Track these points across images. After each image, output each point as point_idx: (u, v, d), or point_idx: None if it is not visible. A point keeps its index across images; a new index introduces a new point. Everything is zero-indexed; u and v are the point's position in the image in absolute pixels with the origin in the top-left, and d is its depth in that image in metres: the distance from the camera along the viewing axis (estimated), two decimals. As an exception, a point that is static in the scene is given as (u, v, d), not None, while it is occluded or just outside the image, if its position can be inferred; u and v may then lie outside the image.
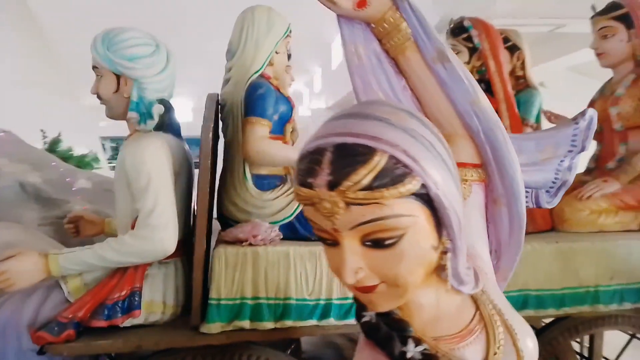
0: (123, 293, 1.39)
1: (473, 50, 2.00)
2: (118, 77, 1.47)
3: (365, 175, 0.57)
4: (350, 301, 1.45)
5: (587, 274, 1.59)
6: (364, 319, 0.74)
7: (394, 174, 0.58)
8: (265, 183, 1.66)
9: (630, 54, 1.92)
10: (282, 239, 1.51)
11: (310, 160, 0.61)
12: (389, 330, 0.71)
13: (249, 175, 1.63)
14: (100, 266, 1.37)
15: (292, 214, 1.59)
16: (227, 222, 1.64)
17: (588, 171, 2.10)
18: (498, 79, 1.97)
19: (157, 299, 1.44)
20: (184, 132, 1.66)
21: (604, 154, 2.05)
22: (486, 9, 4.45)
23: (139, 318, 1.40)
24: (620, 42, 1.92)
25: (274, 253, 1.42)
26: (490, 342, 0.71)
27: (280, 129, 1.71)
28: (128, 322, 1.39)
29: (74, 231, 1.85)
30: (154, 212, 1.35)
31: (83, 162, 4.50)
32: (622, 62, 1.95)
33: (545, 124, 2.18)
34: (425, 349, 0.68)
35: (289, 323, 1.40)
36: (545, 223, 1.85)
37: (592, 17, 2.01)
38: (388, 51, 0.84)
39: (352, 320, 1.45)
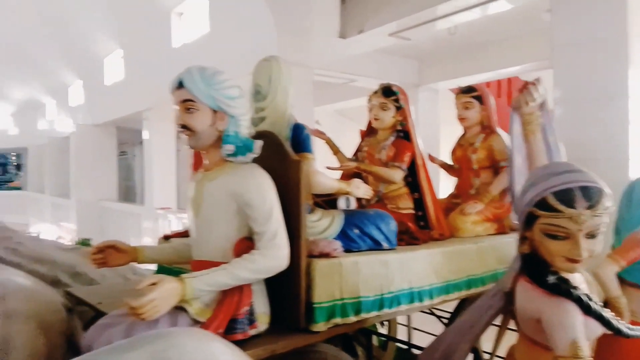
0: (247, 308, 1.55)
1: (398, 108, 2.75)
2: (214, 112, 1.62)
3: (604, 202, 1.20)
4: (392, 295, 1.94)
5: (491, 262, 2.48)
6: (550, 282, 1.33)
7: (608, 200, 1.23)
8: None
9: (479, 120, 3.01)
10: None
11: (568, 194, 1.21)
12: (567, 286, 1.32)
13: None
14: (231, 285, 1.51)
15: (334, 232, 1.98)
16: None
17: (454, 196, 3.10)
18: (413, 130, 2.77)
19: (264, 310, 1.64)
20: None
21: (463, 185, 3.07)
22: (304, 59, 5.25)
23: (258, 328, 1.58)
24: (475, 113, 2.98)
25: (349, 262, 1.81)
26: None
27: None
28: (254, 332, 1.56)
29: (103, 262, 1.74)
30: (278, 233, 1.58)
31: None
32: (474, 125, 3.02)
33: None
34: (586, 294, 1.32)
35: (364, 316, 1.81)
36: (449, 231, 2.71)
37: (457, 94, 3.04)
38: (525, 131, 1.48)
39: (389, 310, 1.95)
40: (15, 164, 20.36)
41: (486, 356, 2.71)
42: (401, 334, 3.27)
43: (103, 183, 11.76)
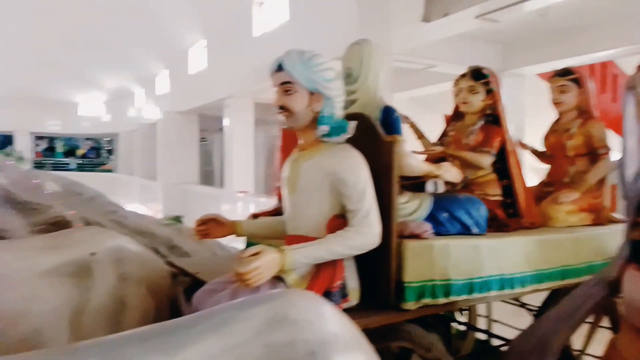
0: (340, 282, 1.60)
1: (488, 92, 2.66)
2: (311, 94, 1.67)
3: None
4: (482, 280, 1.91)
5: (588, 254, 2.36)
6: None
7: None
8: (395, 189, 2.01)
9: (576, 105, 2.84)
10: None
11: None
12: None
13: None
14: (326, 259, 1.56)
15: (423, 215, 1.98)
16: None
17: (546, 184, 2.96)
18: (504, 115, 2.67)
19: (355, 286, 1.68)
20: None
21: (557, 173, 2.93)
22: (386, 45, 5.21)
23: (350, 302, 1.63)
24: (572, 97, 2.82)
25: (440, 245, 1.81)
26: None
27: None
28: (346, 305, 1.61)
29: (206, 234, 1.87)
30: (371, 211, 1.61)
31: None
32: (570, 110, 2.86)
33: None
34: None
35: (453, 298, 1.81)
36: (540, 220, 2.61)
37: (552, 77, 2.88)
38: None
39: (478, 295, 1.92)
40: (108, 148, 22.07)
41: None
42: (480, 325, 3.21)
43: (186, 167, 12.45)
